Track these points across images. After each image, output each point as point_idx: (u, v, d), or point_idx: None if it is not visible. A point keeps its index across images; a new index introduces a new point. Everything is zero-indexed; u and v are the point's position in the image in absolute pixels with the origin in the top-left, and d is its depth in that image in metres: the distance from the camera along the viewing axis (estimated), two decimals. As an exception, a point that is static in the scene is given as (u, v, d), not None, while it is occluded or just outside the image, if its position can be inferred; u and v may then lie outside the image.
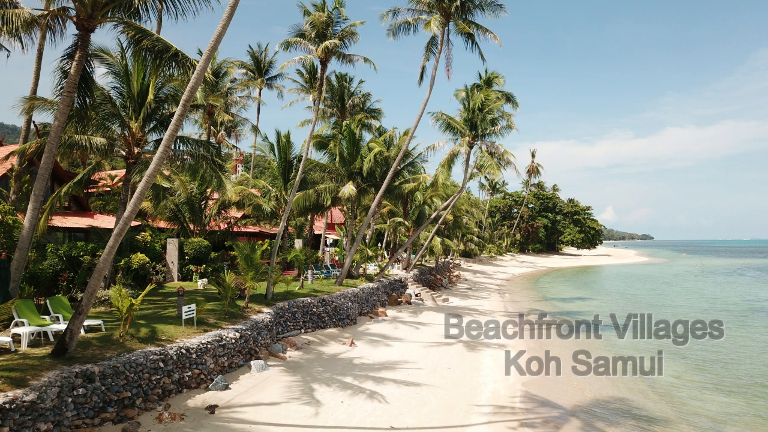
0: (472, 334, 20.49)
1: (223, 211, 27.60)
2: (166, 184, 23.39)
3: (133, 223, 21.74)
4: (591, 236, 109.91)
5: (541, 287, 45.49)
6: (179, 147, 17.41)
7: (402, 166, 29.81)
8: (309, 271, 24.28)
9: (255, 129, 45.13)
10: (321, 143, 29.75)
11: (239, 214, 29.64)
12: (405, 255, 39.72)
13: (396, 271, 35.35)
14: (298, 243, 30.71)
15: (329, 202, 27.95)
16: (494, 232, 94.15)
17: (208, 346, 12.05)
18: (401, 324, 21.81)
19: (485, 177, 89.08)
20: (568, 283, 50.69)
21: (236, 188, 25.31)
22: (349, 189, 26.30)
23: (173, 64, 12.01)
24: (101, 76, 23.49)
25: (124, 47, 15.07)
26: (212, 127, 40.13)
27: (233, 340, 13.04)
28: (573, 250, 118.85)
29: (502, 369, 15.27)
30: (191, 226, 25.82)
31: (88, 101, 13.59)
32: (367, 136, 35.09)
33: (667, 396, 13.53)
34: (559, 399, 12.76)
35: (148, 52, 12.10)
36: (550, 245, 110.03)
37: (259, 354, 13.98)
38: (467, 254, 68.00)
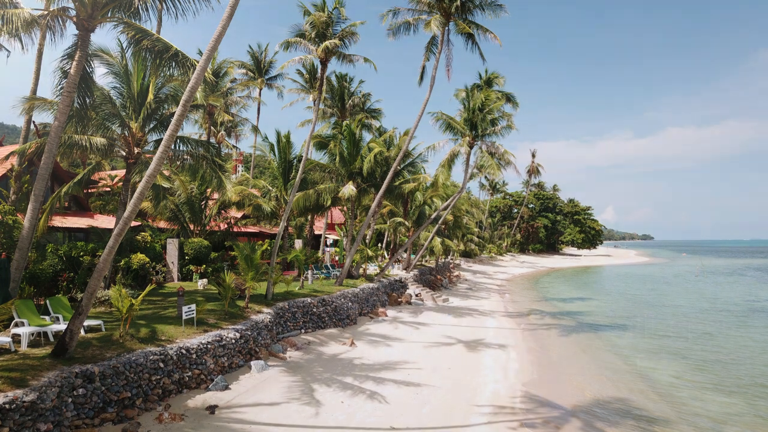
0: (472, 334, 20.50)
1: (223, 211, 27.62)
2: (166, 184, 23.42)
3: (133, 224, 21.75)
4: (591, 236, 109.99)
5: (541, 287, 45.47)
6: (179, 147, 17.42)
7: (402, 166, 29.92)
8: (309, 272, 24.29)
9: (255, 129, 45.13)
10: (321, 143, 29.82)
11: (239, 215, 29.66)
12: (405, 255, 39.81)
13: (396, 271, 35.37)
14: (298, 243, 30.76)
15: (329, 202, 27.98)
16: (494, 232, 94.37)
17: (208, 346, 12.05)
18: (401, 324, 21.80)
19: (485, 177, 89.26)
20: (569, 283, 50.68)
21: (236, 188, 25.33)
22: (349, 189, 26.33)
23: (173, 64, 12.02)
24: (101, 76, 23.46)
25: (124, 47, 15.08)
26: (212, 127, 40.14)
27: (233, 341, 13.03)
28: (573, 250, 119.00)
29: (502, 369, 15.28)
30: (191, 227, 25.83)
31: (88, 101, 13.60)
32: (367, 137, 35.19)
33: (668, 396, 13.51)
34: (559, 399, 12.76)
35: (148, 52, 12.10)
36: (550, 245, 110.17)
37: (259, 354, 13.97)
38: (467, 254, 68.10)
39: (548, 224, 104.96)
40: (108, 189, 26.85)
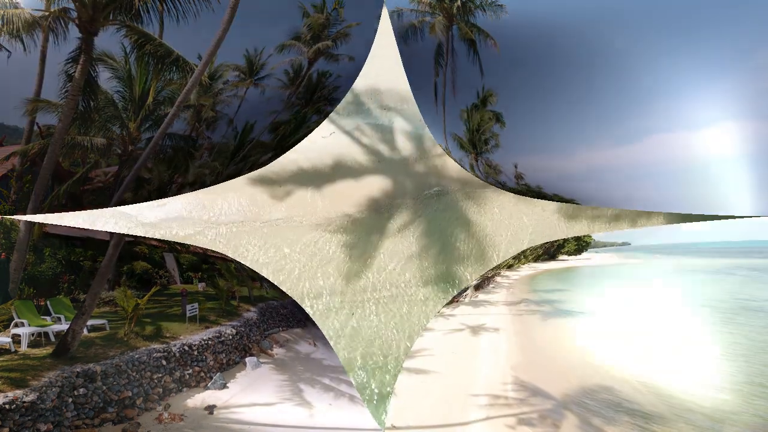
0: (478, 320, 21.35)
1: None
2: (147, 175, 24.34)
3: (127, 239, 22.42)
4: (581, 246, 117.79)
5: (534, 282, 48.18)
6: (166, 142, 18.02)
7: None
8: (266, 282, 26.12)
9: (231, 122, 45.62)
10: (274, 126, 31.04)
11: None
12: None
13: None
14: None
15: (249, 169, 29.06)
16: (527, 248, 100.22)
17: (209, 342, 12.38)
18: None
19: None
20: (554, 279, 53.14)
21: (196, 171, 26.29)
22: (266, 157, 27.24)
23: (174, 68, 12.17)
24: (106, 80, 23.72)
25: (128, 52, 15.22)
26: (196, 123, 40.64)
27: (231, 336, 13.49)
28: (565, 256, 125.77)
29: (494, 351, 16.04)
30: (178, 247, 26.93)
31: (92, 104, 13.69)
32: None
33: (653, 388, 13.14)
34: (547, 386, 12.73)
35: (151, 57, 12.23)
36: (551, 255, 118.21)
37: (252, 350, 14.53)
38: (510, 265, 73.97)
39: (561, 243, 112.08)
40: (101, 185, 27.29)
